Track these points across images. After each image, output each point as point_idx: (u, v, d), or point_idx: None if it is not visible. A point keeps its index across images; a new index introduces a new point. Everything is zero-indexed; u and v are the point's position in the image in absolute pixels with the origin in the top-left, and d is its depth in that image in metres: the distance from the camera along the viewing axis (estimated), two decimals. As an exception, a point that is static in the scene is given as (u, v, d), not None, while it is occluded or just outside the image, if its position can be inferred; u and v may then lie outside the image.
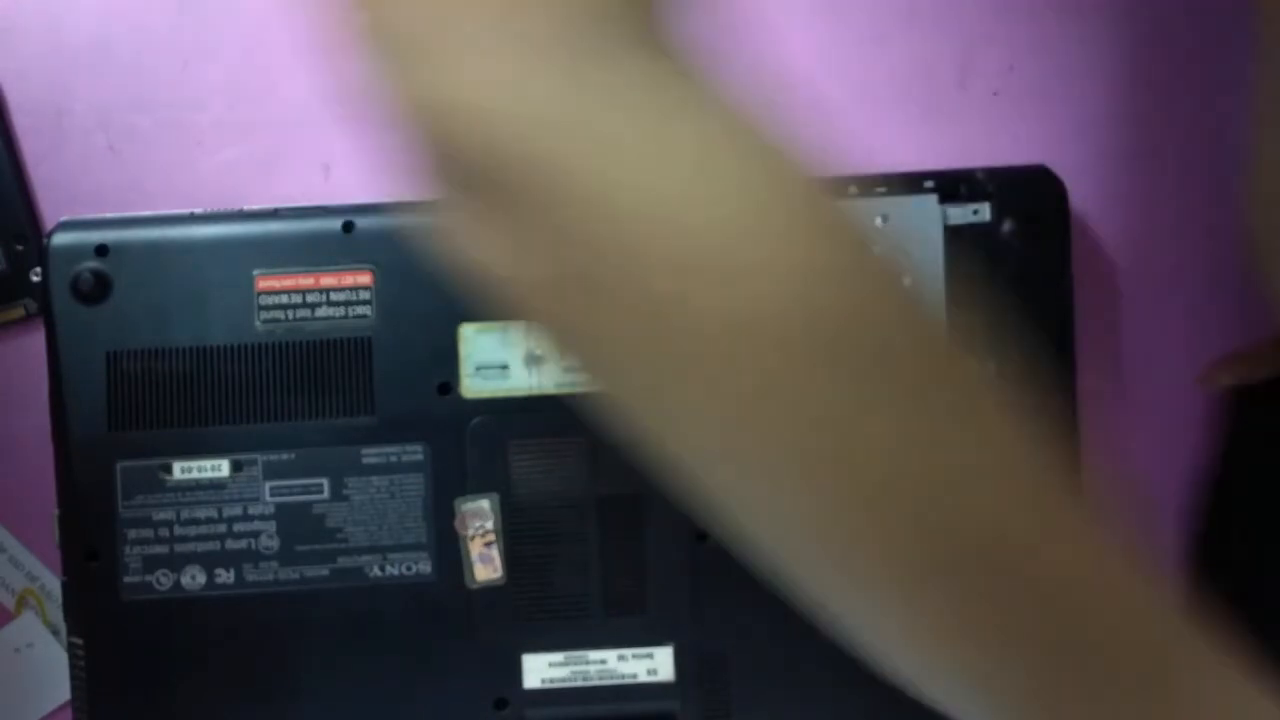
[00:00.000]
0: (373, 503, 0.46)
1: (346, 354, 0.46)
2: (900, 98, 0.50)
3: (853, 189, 0.46)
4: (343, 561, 0.46)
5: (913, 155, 0.49)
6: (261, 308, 0.46)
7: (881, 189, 0.46)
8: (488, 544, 0.46)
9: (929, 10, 0.50)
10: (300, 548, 0.46)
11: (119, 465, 0.46)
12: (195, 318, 0.46)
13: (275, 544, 0.46)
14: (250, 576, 0.46)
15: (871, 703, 0.46)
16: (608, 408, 0.27)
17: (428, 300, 0.46)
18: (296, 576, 0.46)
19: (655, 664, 0.47)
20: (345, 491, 0.46)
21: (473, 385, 0.46)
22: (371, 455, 0.46)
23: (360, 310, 0.46)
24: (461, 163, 0.26)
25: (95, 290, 0.46)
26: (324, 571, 0.46)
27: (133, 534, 0.46)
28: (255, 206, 0.47)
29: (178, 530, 0.46)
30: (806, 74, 0.50)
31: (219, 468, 0.46)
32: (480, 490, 0.46)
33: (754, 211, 0.25)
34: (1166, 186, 0.49)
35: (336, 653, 0.46)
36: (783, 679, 0.46)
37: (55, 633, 0.50)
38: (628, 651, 0.47)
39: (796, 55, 0.50)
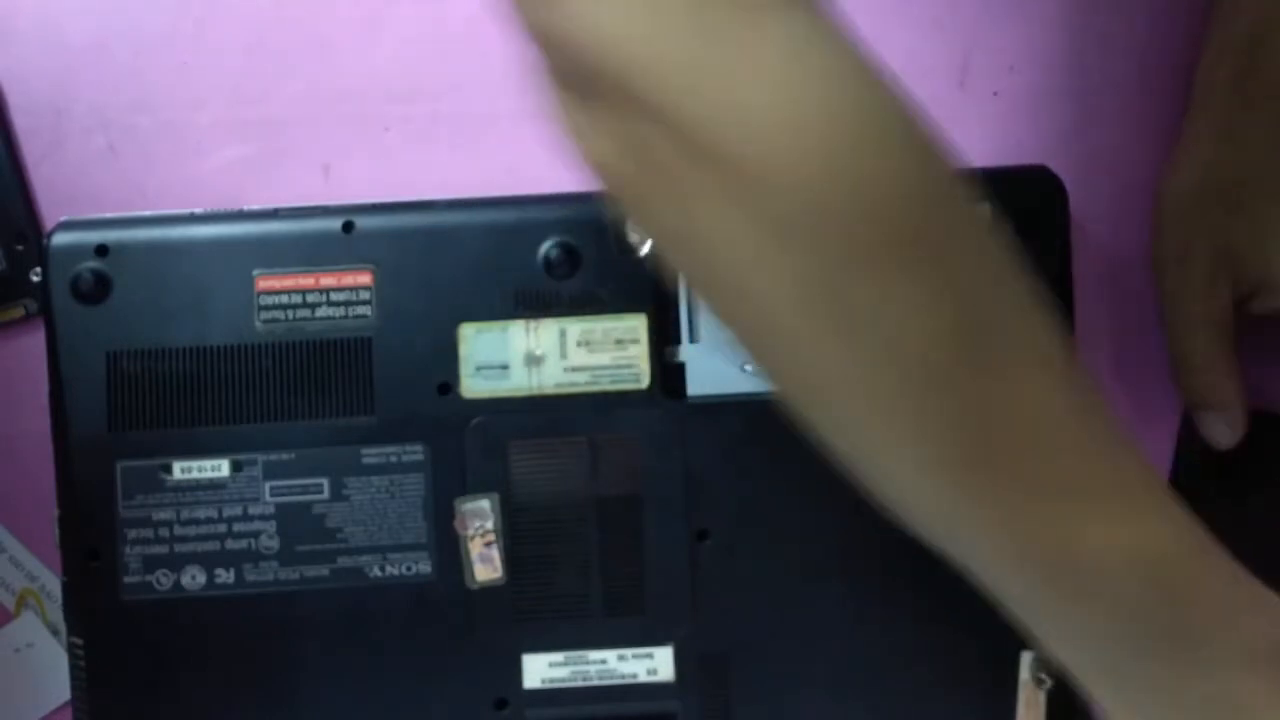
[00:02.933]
0: (373, 503, 0.46)
1: (346, 354, 0.46)
2: (900, 98, 0.50)
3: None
4: (343, 561, 0.46)
5: (913, 155, 0.49)
6: (261, 308, 0.46)
7: (881, 189, 0.46)
8: (488, 544, 0.46)
9: (929, 10, 0.50)
10: (300, 548, 0.46)
11: (119, 465, 0.46)
12: (195, 318, 0.46)
13: (275, 544, 0.46)
14: (250, 576, 0.46)
15: (872, 703, 0.47)
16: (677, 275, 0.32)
17: (428, 300, 0.46)
18: (296, 576, 0.46)
19: (655, 664, 0.47)
20: (345, 491, 0.46)
21: (473, 385, 0.46)
22: (371, 455, 0.46)
23: (360, 310, 0.46)
24: (569, 72, 0.31)
25: (95, 290, 0.46)
26: (324, 571, 0.46)
27: (133, 534, 0.46)
28: (255, 206, 0.47)
29: (178, 530, 0.46)
30: (806, 74, 0.50)
31: (219, 468, 0.46)
32: (480, 490, 0.46)
33: (824, 133, 0.29)
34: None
35: (336, 653, 0.46)
36: (783, 679, 0.46)
37: (55, 633, 0.50)
38: (628, 651, 0.47)
39: (796, 55, 0.50)
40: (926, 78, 0.50)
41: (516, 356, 0.46)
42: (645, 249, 0.46)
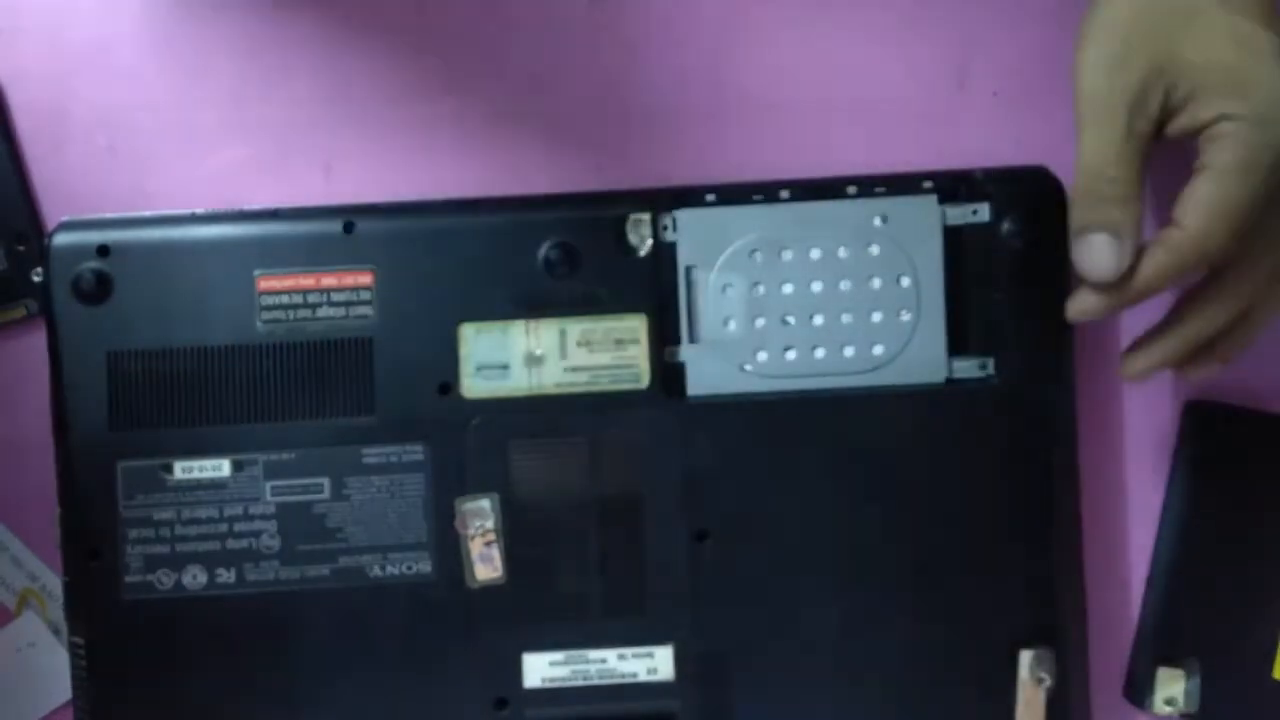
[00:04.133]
0: (373, 503, 0.46)
1: (347, 354, 0.46)
2: (900, 98, 0.50)
3: (852, 189, 0.47)
4: (343, 561, 0.46)
5: (913, 155, 0.49)
6: (262, 308, 0.46)
7: (881, 189, 0.47)
8: (488, 544, 0.46)
9: (929, 12, 0.50)
10: (301, 547, 0.46)
11: (120, 465, 0.46)
12: (196, 318, 0.46)
13: (276, 544, 0.46)
14: (251, 576, 0.46)
15: (871, 703, 0.47)
16: None
17: (428, 300, 0.46)
18: (297, 576, 0.46)
19: (655, 664, 0.47)
20: (345, 491, 0.46)
21: (473, 385, 0.46)
22: (372, 455, 0.46)
23: (361, 310, 0.46)
24: None
25: (96, 290, 0.46)
26: (324, 571, 0.46)
27: (134, 533, 0.46)
28: (255, 206, 0.47)
29: (179, 530, 0.46)
30: (807, 75, 0.50)
31: (220, 467, 0.46)
32: (480, 490, 0.46)
33: None
34: (1164, 186, 0.49)
35: (336, 653, 0.46)
36: (783, 679, 0.46)
37: (56, 632, 0.50)
38: (628, 651, 0.47)
39: (797, 56, 0.50)
40: (926, 78, 0.50)
41: (516, 356, 0.46)
42: (645, 249, 0.46)
